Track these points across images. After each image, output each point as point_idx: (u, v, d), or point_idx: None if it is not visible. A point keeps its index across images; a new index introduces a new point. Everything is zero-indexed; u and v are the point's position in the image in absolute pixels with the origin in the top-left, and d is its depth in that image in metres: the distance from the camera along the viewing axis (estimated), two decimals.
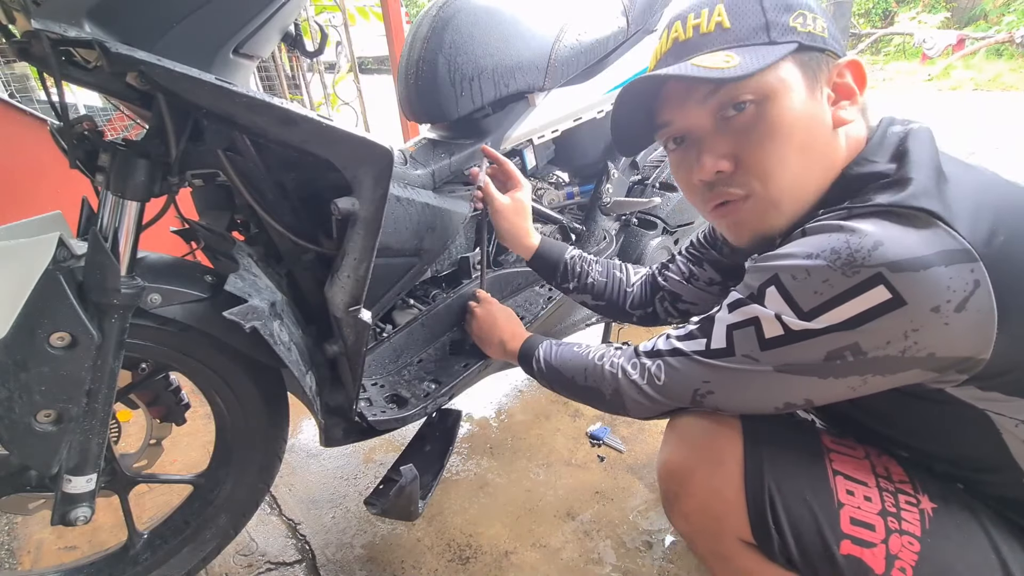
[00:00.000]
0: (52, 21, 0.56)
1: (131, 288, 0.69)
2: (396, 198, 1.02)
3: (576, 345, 0.84)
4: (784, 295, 0.55)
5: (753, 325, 0.57)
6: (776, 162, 0.59)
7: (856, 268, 0.50)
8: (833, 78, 0.59)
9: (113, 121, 1.89)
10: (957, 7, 8.98)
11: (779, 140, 0.58)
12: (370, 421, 0.96)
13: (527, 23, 1.21)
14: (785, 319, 0.55)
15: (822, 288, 0.52)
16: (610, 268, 1.06)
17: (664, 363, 0.67)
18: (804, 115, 0.58)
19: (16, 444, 0.69)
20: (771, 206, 0.61)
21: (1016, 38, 7.01)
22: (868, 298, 0.50)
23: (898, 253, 0.48)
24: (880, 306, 0.49)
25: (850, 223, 0.52)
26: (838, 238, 0.52)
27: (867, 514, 0.57)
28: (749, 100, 0.58)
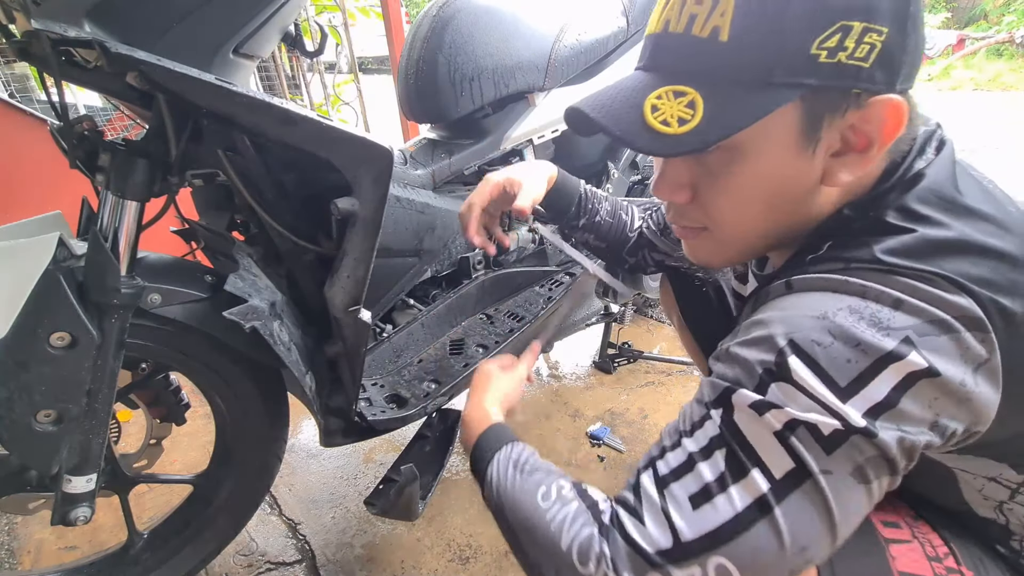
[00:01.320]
0: (52, 21, 0.56)
1: (131, 288, 0.69)
2: (396, 198, 1.02)
3: (545, 473, 0.57)
4: (816, 371, 0.42)
5: (803, 426, 0.41)
6: (731, 213, 0.51)
7: (884, 331, 0.41)
8: (851, 122, 0.44)
9: (113, 121, 1.89)
10: (957, 7, 8.98)
11: (739, 195, 0.49)
12: (370, 421, 0.96)
13: (527, 23, 1.21)
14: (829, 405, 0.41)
15: (856, 356, 0.41)
16: (617, 208, 0.95)
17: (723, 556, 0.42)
18: (776, 175, 0.47)
19: (16, 444, 0.69)
20: (722, 247, 0.55)
21: (1016, 38, 7.01)
22: (900, 368, 0.40)
23: (918, 320, 0.41)
24: (911, 375, 0.40)
25: (856, 280, 0.43)
26: (850, 298, 0.43)
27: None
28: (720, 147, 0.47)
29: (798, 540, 0.41)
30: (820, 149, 0.46)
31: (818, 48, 0.41)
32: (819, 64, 0.41)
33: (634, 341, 1.73)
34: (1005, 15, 8.02)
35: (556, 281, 1.40)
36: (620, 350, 1.69)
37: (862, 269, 0.44)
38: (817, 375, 0.41)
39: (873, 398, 0.40)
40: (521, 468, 0.58)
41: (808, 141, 0.45)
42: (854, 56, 0.41)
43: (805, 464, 0.41)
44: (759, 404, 0.43)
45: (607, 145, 1.46)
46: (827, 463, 0.41)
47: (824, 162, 0.47)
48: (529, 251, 1.38)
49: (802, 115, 0.44)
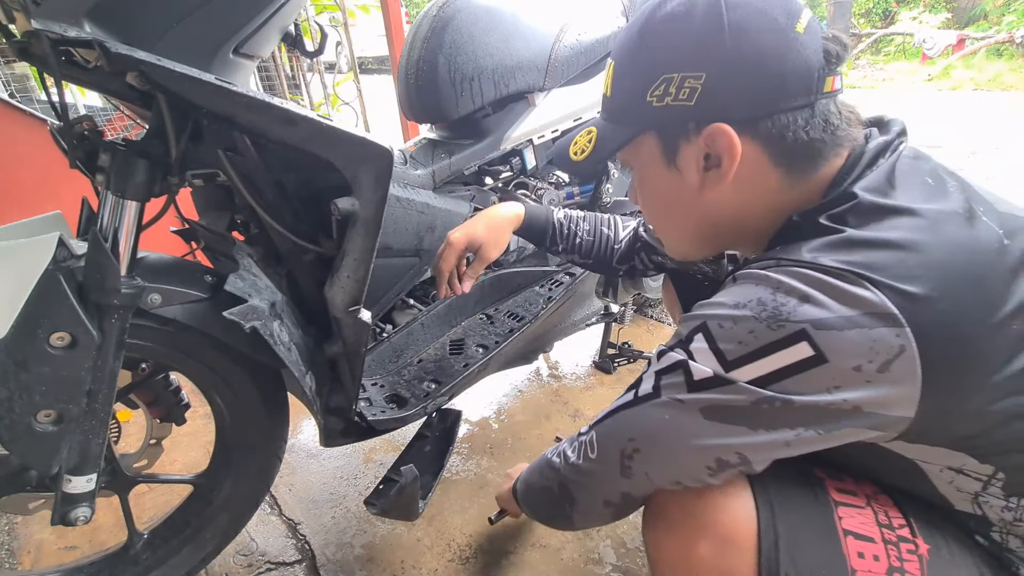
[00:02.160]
0: (52, 21, 0.56)
1: (131, 288, 0.69)
2: (396, 198, 1.02)
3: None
4: (711, 344, 0.53)
5: (681, 368, 0.55)
6: (652, 216, 0.69)
7: (781, 323, 0.49)
8: (700, 145, 0.56)
9: (113, 121, 1.89)
10: (957, 7, 8.98)
11: (646, 203, 0.68)
12: (370, 421, 0.96)
13: (527, 23, 1.21)
14: (712, 366, 0.53)
15: (747, 339, 0.51)
16: (598, 225, 1.05)
17: (595, 431, 0.64)
18: (658, 188, 0.63)
19: (16, 444, 0.69)
20: (667, 243, 0.71)
21: (1016, 38, 7.01)
22: (791, 353, 0.49)
23: (822, 312, 0.48)
24: (802, 362, 0.48)
25: (776, 275, 0.51)
26: (764, 290, 0.51)
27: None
28: (627, 164, 0.66)
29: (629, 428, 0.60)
30: (686, 167, 0.58)
31: (650, 96, 0.56)
32: (652, 108, 0.57)
33: (634, 341, 1.73)
34: (1005, 15, 8.02)
35: (556, 281, 1.40)
36: (620, 350, 1.69)
37: (787, 266, 0.52)
38: (710, 348, 0.53)
39: (756, 373, 0.50)
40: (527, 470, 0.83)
41: (670, 161, 0.60)
42: (679, 99, 0.55)
43: (659, 390, 0.57)
44: (661, 351, 0.58)
45: None
46: (678, 393, 0.55)
47: (699, 175, 0.58)
48: (529, 251, 1.38)
49: (660, 143, 0.59)
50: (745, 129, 0.54)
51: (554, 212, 1.03)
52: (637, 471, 0.60)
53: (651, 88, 0.56)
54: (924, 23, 8.47)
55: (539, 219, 1.02)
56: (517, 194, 1.28)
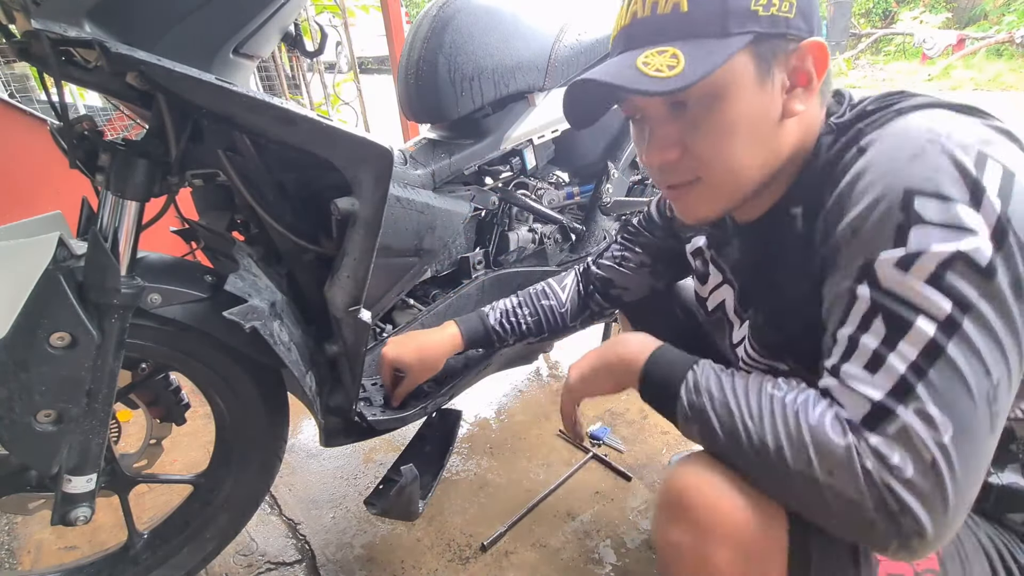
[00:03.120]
0: (52, 21, 0.56)
1: (131, 288, 0.69)
2: (396, 198, 1.02)
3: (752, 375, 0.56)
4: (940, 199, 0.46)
5: (955, 258, 0.44)
6: (719, 152, 0.58)
7: (964, 146, 0.47)
8: (792, 63, 0.55)
9: (113, 121, 1.89)
10: (957, 7, 8.98)
11: (723, 134, 0.57)
12: (370, 421, 0.96)
13: (527, 23, 1.21)
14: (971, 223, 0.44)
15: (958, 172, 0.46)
16: (536, 302, 1.01)
17: (917, 401, 0.44)
18: (750, 112, 0.56)
19: (16, 444, 0.69)
20: (715, 189, 0.61)
21: (1016, 38, 7.01)
22: (992, 172, 0.46)
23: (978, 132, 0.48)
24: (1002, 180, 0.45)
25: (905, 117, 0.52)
26: (920, 129, 0.49)
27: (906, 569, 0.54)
28: (697, 97, 0.56)
29: (977, 368, 0.44)
30: (775, 86, 0.56)
31: (755, 5, 0.53)
32: (759, 16, 0.53)
33: None
34: (1005, 15, 8.02)
35: None
36: None
37: (911, 109, 0.52)
38: (944, 201, 0.45)
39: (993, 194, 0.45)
40: (731, 373, 0.56)
41: (764, 79, 0.55)
42: (781, 9, 0.53)
43: (965, 298, 0.44)
44: (904, 259, 0.46)
45: (607, 145, 1.46)
46: (987, 287, 0.44)
47: (781, 98, 0.56)
48: (529, 251, 1.38)
49: (754, 59, 0.55)
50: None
51: (488, 317, 1.00)
52: (1001, 410, 0.46)
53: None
54: (924, 23, 8.47)
55: (479, 333, 0.99)
56: (517, 195, 1.28)
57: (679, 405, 0.57)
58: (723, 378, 0.56)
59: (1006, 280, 0.44)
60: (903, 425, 0.44)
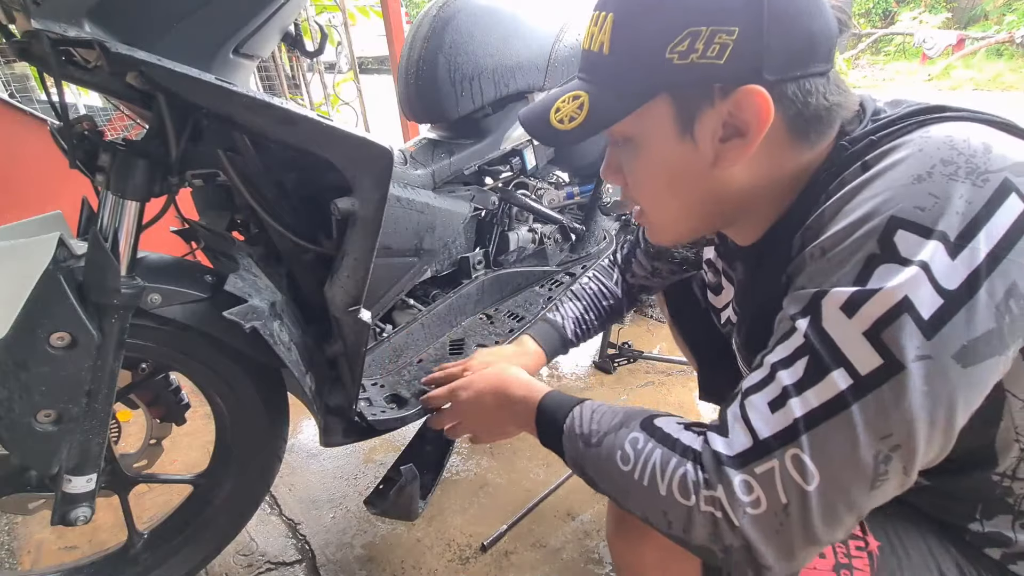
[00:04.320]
0: (52, 21, 0.56)
1: (131, 288, 0.69)
2: (396, 198, 1.02)
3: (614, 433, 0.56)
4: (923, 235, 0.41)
5: (902, 308, 0.40)
6: (645, 194, 0.58)
7: (985, 175, 0.41)
8: (726, 109, 0.49)
9: (113, 121, 1.89)
10: (957, 7, 8.98)
11: (644, 180, 0.57)
12: (370, 421, 0.96)
13: (527, 23, 1.21)
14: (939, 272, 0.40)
15: (962, 206, 0.41)
16: (598, 303, 1.01)
17: (797, 447, 0.43)
18: (669, 161, 0.53)
19: (16, 444, 0.69)
20: (659, 226, 0.62)
21: (1016, 38, 7.02)
22: (1005, 215, 0.40)
23: (1012, 156, 0.42)
24: (1015, 223, 0.40)
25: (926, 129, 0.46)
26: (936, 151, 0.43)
27: (822, 573, 0.54)
28: (619, 139, 0.56)
29: (875, 430, 0.41)
30: (702, 137, 0.51)
31: (670, 53, 0.47)
32: (673, 66, 0.48)
33: (634, 341, 1.73)
34: (1005, 15, 8.02)
35: (556, 281, 1.40)
36: (620, 350, 1.69)
37: (930, 121, 0.46)
38: (928, 238, 0.40)
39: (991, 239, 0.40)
40: (589, 441, 0.58)
41: (684, 130, 0.51)
42: (706, 56, 0.47)
43: (895, 359, 0.40)
44: (854, 299, 0.42)
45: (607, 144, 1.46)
46: (927, 347, 0.40)
47: (714, 148, 0.51)
48: (529, 251, 1.38)
49: (674, 109, 0.51)
50: (772, 93, 0.47)
51: (564, 329, 0.98)
52: (892, 473, 0.43)
53: (672, 43, 0.47)
54: (924, 23, 8.47)
55: (557, 345, 0.97)
56: (517, 195, 1.28)
57: (567, 461, 0.63)
58: (586, 456, 0.59)
59: (950, 344, 0.40)
60: (771, 468, 0.44)
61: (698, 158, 0.52)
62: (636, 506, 0.53)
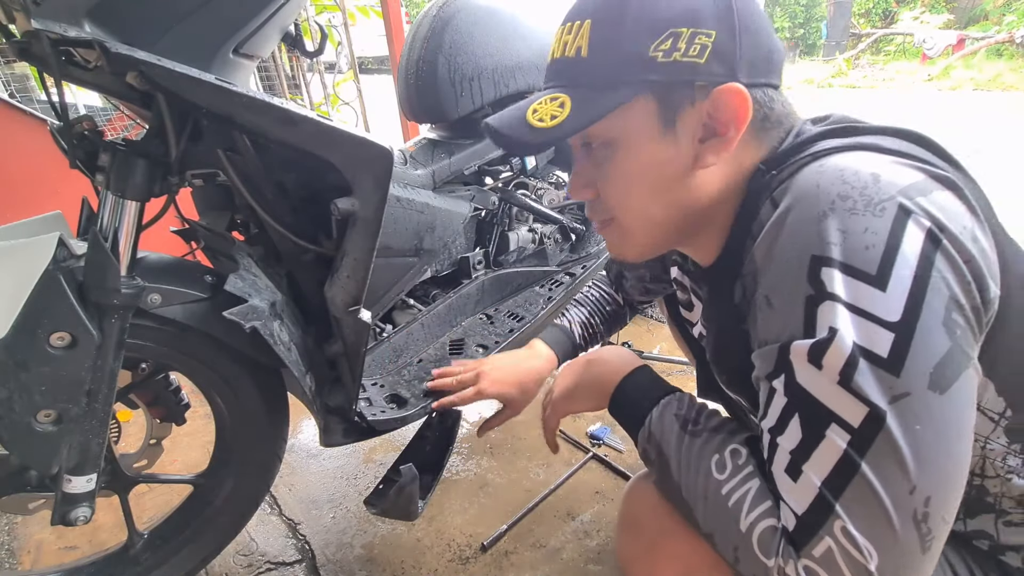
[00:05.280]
0: (52, 21, 0.56)
1: (131, 288, 0.69)
2: (396, 198, 1.02)
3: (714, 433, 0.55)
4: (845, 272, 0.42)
5: (858, 355, 0.41)
6: (622, 201, 0.57)
7: (880, 204, 0.42)
8: (705, 109, 0.51)
9: (113, 121, 1.89)
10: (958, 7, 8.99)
11: (623, 183, 0.56)
12: (370, 421, 0.96)
13: (527, 23, 1.22)
14: (877, 308, 0.41)
15: (871, 239, 0.42)
16: (602, 308, 1.03)
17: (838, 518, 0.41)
18: (650, 162, 0.54)
19: (16, 444, 0.69)
20: (628, 235, 0.60)
21: (1016, 38, 7.02)
22: (912, 238, 0.41)
23: (902, 179, 0.43)
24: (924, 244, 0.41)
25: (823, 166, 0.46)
26: (832, 185, 0.44)
27: None
28: (598, 142, 0.56)
29: (898, 487, 0.40)
30: (683, 136, 0.52)
31: (654, 51, 0.49)
32: (657, 63, 0.50)
33: (634, 341, 1.73)
34: (1005, 15, 8.02)
35: (556, 281, 1.40)
36: None
37: (829, 152, 0.48)
38: (851, 275, 0.42)
39: (909, 263, 0.41)
40: (687, 426, 0.56)
41: (667, 129, 0.52)
42: (688, 55, 0.49)
43: (875, 405, 0.40)
44: (815, 352, 0.43)
45: None
46: (899, 387, 0.40)
47: (693, 148, 0.53)
48: (529, 251, 1.38)
49: (657, 107, 0.52)
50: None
51: (573, 334, 1.00)
52: (936, 528, 0.41)
53: (656, 42, 0.49)
54: (924, 23, 8.47)
55: (568, 349, 0.99)
56: (517, 195, 1.28)
57: (638, 444, 0.62)
58: (675, 436, 0.56)
59: (919, 374, 0.40)
60: (828, 548, 0.42)
61: (679, 157, 0.53)
62: (707, 518, 0.51)
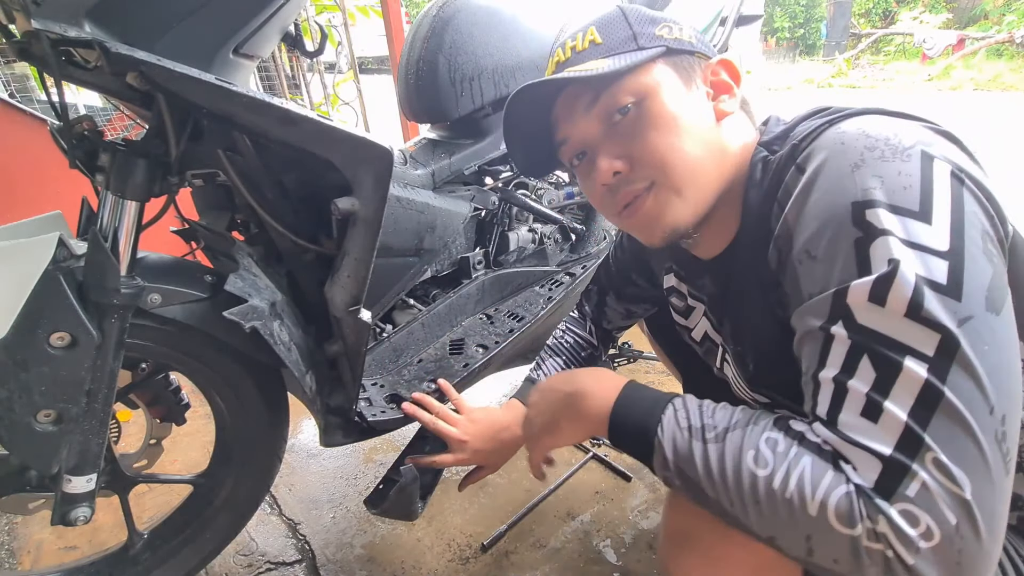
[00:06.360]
0: (52, 21, 0.56)
1: (131, 288, 0.69)
2: (396, 198, 1.02)
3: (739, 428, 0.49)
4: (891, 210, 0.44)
5: (922, 285, 0.42)
6: (667, 149, 0.57)
7: (905, 151, 0.45)
8: (708, 76, 0.61)
9: (113, 121, 1.89)
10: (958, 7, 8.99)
11: (664, 130, 0.57)
12: (370, 421, 0.96)
13: (527, 23, 1.21)
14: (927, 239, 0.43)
15: (904, 180, 0.45)
16: (577, 354, 0.98)
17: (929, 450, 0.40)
18: (683, 106, 0.59)
19: (16, 444, 0.69)
20: (674, 193, 0.58)
21: (1016, 38, 7.02)
22: (941, 177, 0.44)
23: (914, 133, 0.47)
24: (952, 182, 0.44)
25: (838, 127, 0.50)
26: (856, 138, 0.48)
27: None
28: (630, 102, 0.58)
29: (980, 408, 0.40)
30: (700, 93, 0.61)
31: (659, 32, 0.60)
32: (665, 39, 0.60)
33: (634, 341, 1.73)
34: (1005, 15, 8.02)
35: (556, 281, 1.40)
36: (620, 350, 1.69)
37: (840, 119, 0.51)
38: (897, 214, 0.44)
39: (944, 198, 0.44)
40: (704, 436, 0.50)
41: (688, 83, 0.60)
42: (684, 37, 0.61)
43: (947, 330, 0.41)
44: (877, 291, 0.43)
45: None
46: (963, 308, 0.41)
47: (710, 104, 0.61)
48: (529, 251, 1.38)
49: (674, 68, 0.60)
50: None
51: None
52: (1012, 448, 0.42)
53: (657, 28, 0.60)
54: (924, 23, 8.47)
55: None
56: (517, 195, 1.28)
57: (655, 473, 0.54)
58: (695, 453, 0.50)
59: (977, 297, 0.42)
60: (922, 483, 0.40)
61: (705, 110, 0.60)
62: (763, 523, 0.46)
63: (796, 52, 10.89)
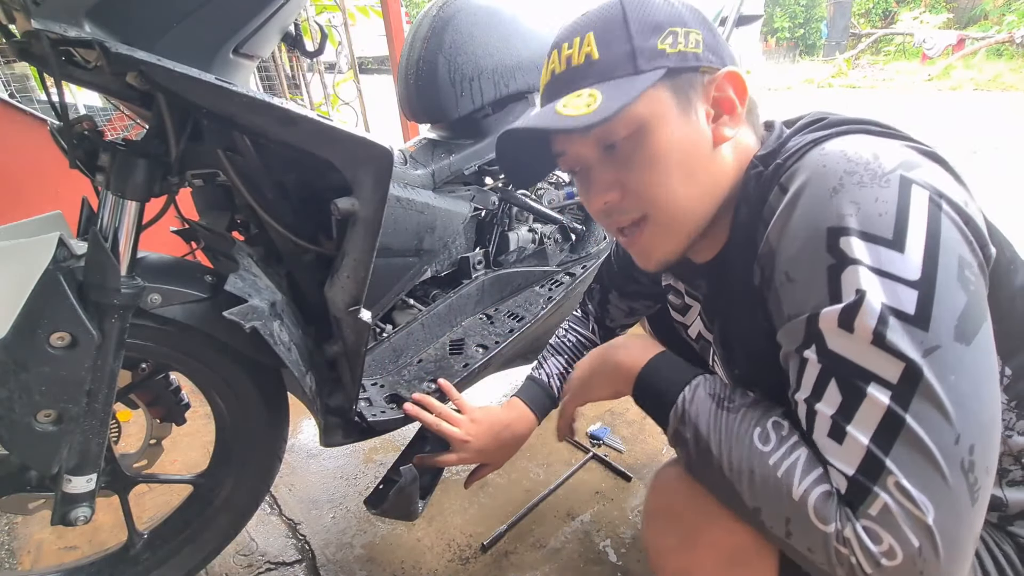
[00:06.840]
0: (52, 21, 0.56)
1: (131, 288, 0.69)
2: (396, 198, 1.02)
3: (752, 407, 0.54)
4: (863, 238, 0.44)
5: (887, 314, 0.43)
6: (658, 187, 0.58)
7: (884, 176, 0.46)
8: (711, 93, 0.58)
9: (113, 121, 1.89)
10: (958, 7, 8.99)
11: (657, 167, 0.57)
12: (370, 421, 0.96)
13: (527, 23, 1.21)
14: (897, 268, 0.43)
15: (883, 208, 0.45)
16: (578, 353, 0.98)
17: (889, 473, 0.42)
18: (678, 140, 0.57)
19: (16, 444, 0.69)
20: (664, 229, 0.60)
21: (1016, 38, 7.03)
22: (918, 203, 0.45)
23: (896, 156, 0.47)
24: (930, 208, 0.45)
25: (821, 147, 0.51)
26: (837, 161, 0.48)
27: None
28: (623, 136, 0.57)
29: (943, 438, 0.41)
30: (699, 116, 0.58)
31: (661, 44, 0.56)
32: (667, 54, 0.56)
33: None
34: (1005, 15, 8.03)
35: (556, 281, 1.40)
36: None
37: (825, 139, 0.52)
38: (869, 241, 0.45)
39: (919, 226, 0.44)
40: (723, 403, 0.55)
41: (686, 109, 0.57)
42: (688, 46, 0.56)
43: (910, 359, 0.42)
44: (845, 317, 0.44)
45: None
46: (929, 338, 0.42)
47: (708, 128, 0.58)
48: (529, 251, 1.38)
49: (672, 93, 0.57)
50: None
51: (550, 387, 0.95)
52: (981, 478, 0.42)
53: (660, 37, 0.56)
54: (924, 23, 8.48)
55: (546, 404, 0.94)
56: (517, 195, 1.28)
57: (668, 427, 0.59)
58: (711, 413, 0.55)
59: (946, 327, 0.42)
60: (884, 504, 0.42)
61: (700, 136, 0.58)
62: (754, 492, 0.50)
63: (796, 52, 10.89)
